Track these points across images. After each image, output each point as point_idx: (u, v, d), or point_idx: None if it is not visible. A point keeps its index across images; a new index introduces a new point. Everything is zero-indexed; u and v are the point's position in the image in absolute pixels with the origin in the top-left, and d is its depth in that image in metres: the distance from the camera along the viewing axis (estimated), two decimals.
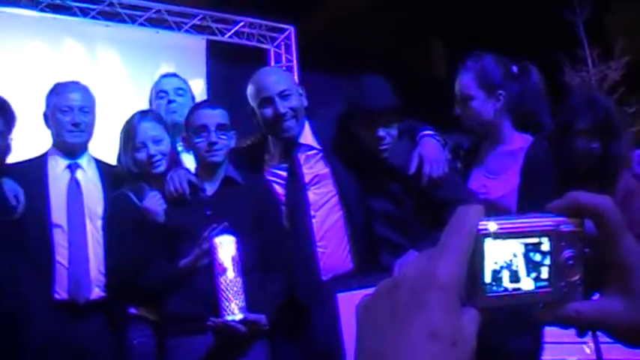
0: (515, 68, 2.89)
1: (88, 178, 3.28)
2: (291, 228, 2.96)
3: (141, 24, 6.65)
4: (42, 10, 6.22)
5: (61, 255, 3.09)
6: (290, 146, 3.05)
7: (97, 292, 3.11)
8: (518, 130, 2.88)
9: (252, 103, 3.06)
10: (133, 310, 3.08)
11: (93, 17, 6.44)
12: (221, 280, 2.61)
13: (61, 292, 3.05)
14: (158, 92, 3.81)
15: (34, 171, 3.18)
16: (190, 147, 3.03)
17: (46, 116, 3.30)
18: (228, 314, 2.59)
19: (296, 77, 6.68)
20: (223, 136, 2.91)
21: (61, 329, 3.02)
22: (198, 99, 6.19)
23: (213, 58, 6.94)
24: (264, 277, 2.80)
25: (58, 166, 3.24)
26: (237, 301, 2.60)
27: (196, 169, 3.06)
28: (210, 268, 2.65)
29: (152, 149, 3.10)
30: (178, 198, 2.89)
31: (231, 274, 2.61)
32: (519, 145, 2.81)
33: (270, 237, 2.89)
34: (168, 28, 6.79)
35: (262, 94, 3.00)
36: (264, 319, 2.68)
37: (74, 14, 6.34)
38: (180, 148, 3.42)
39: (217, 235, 2.66)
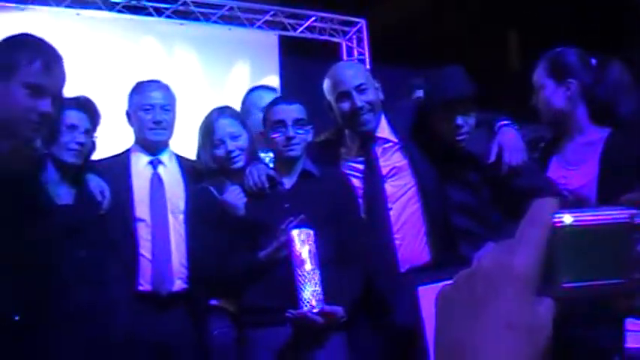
0: (594, 61, 2.85)
1: (170, 174, 3.38)
2: (369, 220, 2.99)
3: (214, 21, 6.77)
4: (119, 12, 6.39)
5: (145, 248, 3.20)
6: (367, 140, 3.08)
7: (178, 284, 3.21)
8: (595, 123, 2.84)
9: (329, 97, 3.10)
10: (213, 302, 3.18)
11: (167, 16, 6.57)
12: (299, 272, 2.65)
13: (144, 284, 3.16)
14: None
15: (118, 167, 3.30)
16: (268, 142, 3.10)
17: (128, 114, 3.41)
18: (306, 306, 2.63)
19: None
20: (300, 131, 2.95)
21: (144, 320, 3.13)
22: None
23: (285, 53, 7.00)
24: (342, 269, 2.82)
25: (140, 162, 3.35)
26: (315, 293, 2.64)
27: (274, 163, 3.13)
28: (288, 260, 2.70)
29: (230, 145, 3.16)
30: (257, 192, 2.95)
31: (308, 266, 2.65)
32: (598, 135, 2.78)
33: (348, 230, 2.91)
34: (241, 24, 6.89)
35: (339, 88, 3.03)
36: (342, 311, 2.71)
37: (149, 14, 6.50)
38: None
39: (295, 227, 2.71)
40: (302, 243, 2.68)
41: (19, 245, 2.56)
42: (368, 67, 6.84)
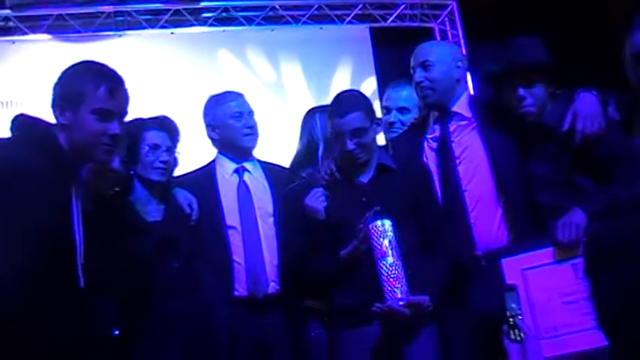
0: None
1: (256, 180, 3.46)
2: (445, 203, 2.96)
3: (304, 22, 6.81)
4: (211, 25, 6.55)
5: (238, 254, 3.28)
6: (440, 116, 3.13)
7: (273, 286, 3.28)
8: None
9: None
10: (309, 303, 3.21)
11: (258, 24, 6.67)
12: (381, 265, 2.62)
13: (240, 289, 3.24)
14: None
15: (205, 179, 3.40)
16: None
17: (211, 126, 3.50)
18: (391, 299, 2.60)
19: (464, 51, 6.56)
20: (357, 139, 2.91)
21: (245, 324, 3.21)
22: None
23: (379, 45, 6.95)
24: (426, 259, 2.78)
25: (226, 172, 3.45)
26: (399, 285, 2.60)
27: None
28: (370, 255, 2.68)
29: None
30: (331, 180, 2.97)
31: (390, 258, 2.61)
32: None
33: (430, 219, 2.88)
34: (331, 22, 6.90)
35: (411, 64, 3.17)
36: (428, 301, 2.66)
37: (240, 24, 6.61)
38: None
39: (372, 220, 2.69)
40: (380, 235, 2.64)
41: (115, 264, 2.68)
42: (463, 47, 6.69)
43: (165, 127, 3.18)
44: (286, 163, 3.68)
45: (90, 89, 2.29)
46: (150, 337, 2.89)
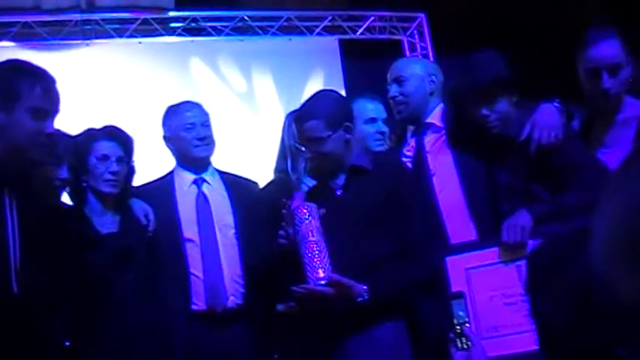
0: None
1: (215, 191, 3.43)
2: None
3: (274, 34, 6.81)
4: (179, 35, 6.52)
5: (196, 267, 3.25)
6: (414, 129, 3.20)
7: (233, 300, 3.25)
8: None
9: None
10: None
11: (227, 34, 6.65)
12: (304, 245, 2.55)
13: (198, 303, 3.21)
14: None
15: (163, 190, 3.37)
16: None
17: (166, 138, 3.49)
18: (313, 279, 2.52)
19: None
20: (315, 146, 2.86)
21: (203, 338, 3.17)
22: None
23: (347, 57, 6.96)
24: (402, 261, 2.71)
25: (184, 183, 3.41)
26: (322, 264, 2.53)
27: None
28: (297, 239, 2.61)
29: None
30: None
31: (311, 238, 2.55)
32: (634, 112, 2.65)
33: (403, 223, 2.78)
34: (300, 34, 6.90)
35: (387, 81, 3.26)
36: (360, 287, 2.56)
37: (209, 34, 6.60)
38: None
39: (296, 206, 2.64)
40: (302, 219, 2.58)
41: (68, 276, 2.65)
42: (432, 60, 6.72)
43: (115, 136, 3.12)
44: (255, 173, 3.67)
45: (25, 88, 2.25)
46: (104, 349, 2.85)
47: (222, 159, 3.69)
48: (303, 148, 2.86)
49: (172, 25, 6.51)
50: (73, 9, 6.13)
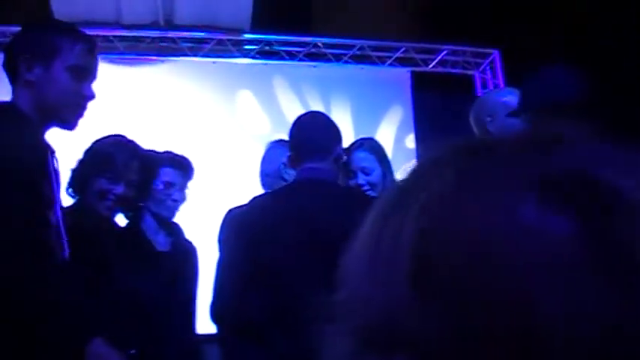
0: None
1: None
2: None
3: (345, 62, 6.83)
4: (253, 57, 6.61)
5: None
6: None
7: None
8: None
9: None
10: None
11: (300, 59, 6.71)
12: None
13: None
14: None
15: None
16: None
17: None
18: None
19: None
20: None
21: None
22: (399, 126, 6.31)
23: (418, 88, 6.94)
24: None
25: None
26: None
27: None
28: None
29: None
30: None
31: None
32: None
33: None
34: (373, 63, 6.91)
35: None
36: None
37: (282, 58, 6.66)
38: None
39: None
40: None
41: (134, 287, 2.67)
42: None
43: (183, 166, 3.21)
44: None
45: (66, 45, 2.18)
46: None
47: None
48: None
49: (247, 47, 6.64)
50: (152, 25, 6.29)
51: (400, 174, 0.50)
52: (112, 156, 2.56)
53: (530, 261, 0.39)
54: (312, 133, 2.68)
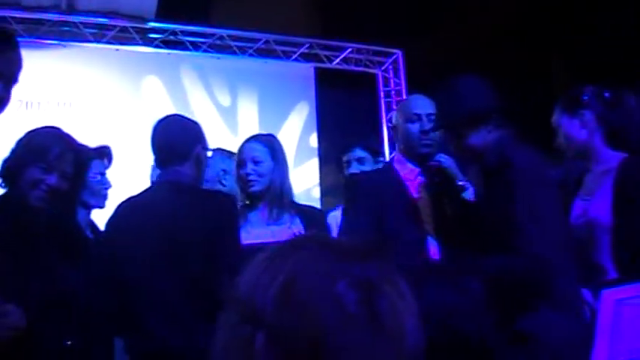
0: (607, 94, 2.80)
1: None
2: None
3: (250, 55, 6.84)
4: (156, 47, 6.51)
5: None
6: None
7: None
8: (613, 148, 2.79)
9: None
10: None
11: (204, 50, 6.67)
12: None
13: None
14: None
15: None
16: None
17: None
18: None
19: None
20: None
21: None
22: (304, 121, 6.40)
23: (321, 85, 7.03)
24: None
25: None
26: None
27: None
28: None
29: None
30: None
31: None
32: (615, 162, 2.74)
33: None
34: (277, 57, 6.95)
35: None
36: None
37: (186, 48, 6.60)
38: None
39: None
40: None
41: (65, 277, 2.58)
42: (405, 96, 6.82)
43: (107, 156, 3.26)
44: None
45: None
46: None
47: None
48: None
49: (151, 35, 6.53)
50: (53, 9, 6.07)
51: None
52: (46, 146, 2.46)
53: (332, 314, 0.82)
54: (169, 138, 2.77)
